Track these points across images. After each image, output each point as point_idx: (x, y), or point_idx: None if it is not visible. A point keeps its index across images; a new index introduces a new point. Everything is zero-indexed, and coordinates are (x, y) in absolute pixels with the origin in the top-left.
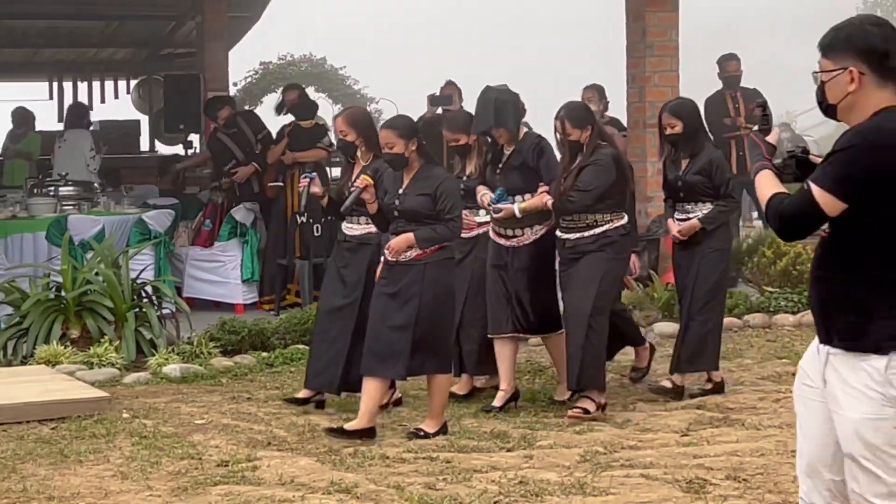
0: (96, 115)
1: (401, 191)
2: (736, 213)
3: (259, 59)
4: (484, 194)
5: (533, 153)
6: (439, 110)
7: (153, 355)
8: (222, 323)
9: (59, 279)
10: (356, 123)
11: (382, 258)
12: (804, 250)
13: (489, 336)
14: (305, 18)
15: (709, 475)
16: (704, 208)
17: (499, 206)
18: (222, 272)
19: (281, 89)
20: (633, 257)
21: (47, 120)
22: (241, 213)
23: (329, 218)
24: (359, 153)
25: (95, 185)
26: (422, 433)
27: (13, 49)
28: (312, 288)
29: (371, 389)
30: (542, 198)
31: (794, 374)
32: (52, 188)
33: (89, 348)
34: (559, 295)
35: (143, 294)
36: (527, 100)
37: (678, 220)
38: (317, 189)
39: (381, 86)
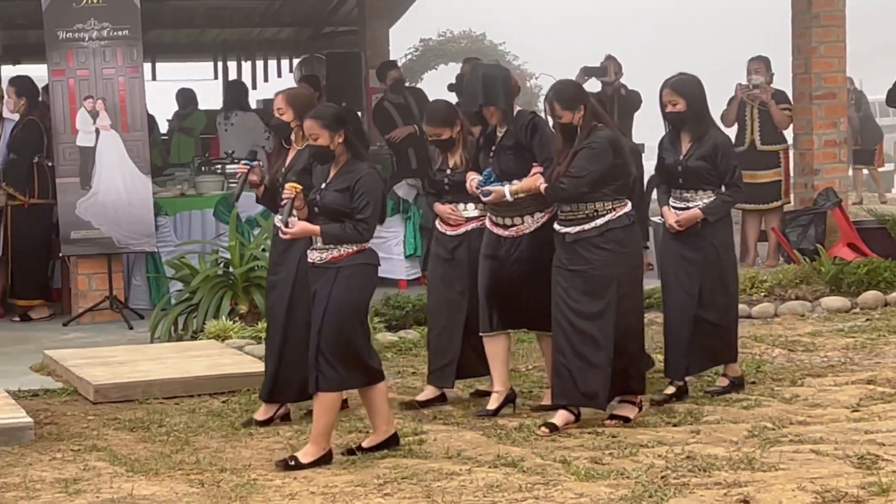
0: (260, 93)
1: (323, 185)
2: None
3: (419, 36)
4: (472, 179)
5: (526, 131)
6: (595, 82)
7: None
8: (386, 299)
9: (228, 255)
10: (295, 102)
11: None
12: None
13: (480, 334)
14: None
15: (881, 451)
16: (705, 197)
17: (487, 188)
18: (385, 248)
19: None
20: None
21: (213, 99)
22: (404, 190)
23: None
24: (293, 136)
25: (260, 163)
26: (358, 450)
27: (179, 30)
28: None
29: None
30: (535, 179)
31: None
32: (219, 166)
33: (257, 323)
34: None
35: None
36: (689, 68)
37: (675, 208)
38: (255, 178)
39: (541, 61)
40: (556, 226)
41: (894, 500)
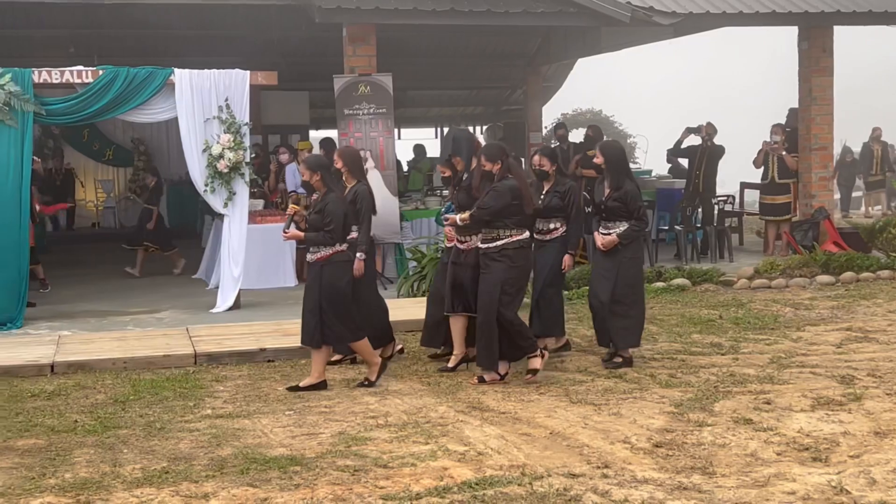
0: None
1: (312, 208)
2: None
3: (560, 112)
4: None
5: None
6: (693, 137)
7: None
8: None
9: (443, 245)
10: (343, 156)
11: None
12: None
13: (444, 314)
14: (588, 85)
15: (855, 373)
16: (621, 226)
17: (446, 215)
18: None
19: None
20: (566, 258)
21: (434, 151)
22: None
23: None
24: (344, 178)
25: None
26: (366, 382)
27: (415, 108)
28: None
29: (313, 356)
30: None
31: None
32: (438, 190)
33: None
34: None
35: None
36: (735, 131)
37: (602, 233)
38: (300, 208)
39: (638, 125)
40: (478, 242)
41: (864, 404)
